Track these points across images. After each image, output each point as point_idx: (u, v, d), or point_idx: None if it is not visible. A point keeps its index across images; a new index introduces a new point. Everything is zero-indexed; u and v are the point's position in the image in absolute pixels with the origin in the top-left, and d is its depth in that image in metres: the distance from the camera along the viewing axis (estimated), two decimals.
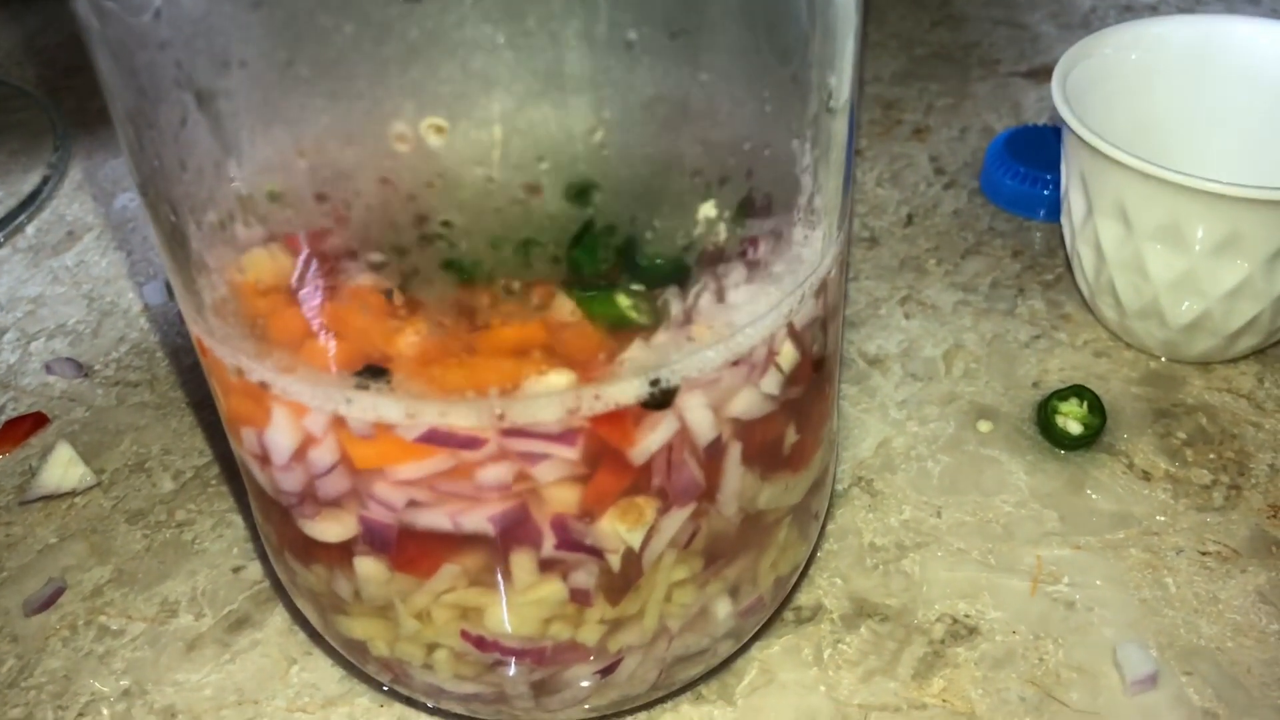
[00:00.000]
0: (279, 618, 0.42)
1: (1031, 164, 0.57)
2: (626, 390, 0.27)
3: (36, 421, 0.50)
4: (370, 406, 0.27)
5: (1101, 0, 0.76)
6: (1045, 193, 0.57)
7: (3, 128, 0.69)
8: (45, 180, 0.64)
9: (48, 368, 0.52)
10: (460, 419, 0.27)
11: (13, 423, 0.49)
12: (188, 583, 0.43)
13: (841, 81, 0.28)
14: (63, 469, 0.47)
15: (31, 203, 0.62)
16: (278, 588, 0.42)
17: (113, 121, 0.28)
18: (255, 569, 0.43)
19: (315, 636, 0.41)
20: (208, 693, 0.39)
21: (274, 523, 0.35)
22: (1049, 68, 0.69)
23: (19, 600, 0.43)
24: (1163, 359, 0.49)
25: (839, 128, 0.29)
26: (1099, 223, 0.46)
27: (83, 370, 0.52)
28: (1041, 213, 0.57)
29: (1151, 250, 0.44)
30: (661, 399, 0.28)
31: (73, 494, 0.47)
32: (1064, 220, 0.50)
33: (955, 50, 0.72)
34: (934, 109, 0.66)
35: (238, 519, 0.45)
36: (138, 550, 0.44)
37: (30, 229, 0.62)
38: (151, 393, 0.51)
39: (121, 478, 0.47)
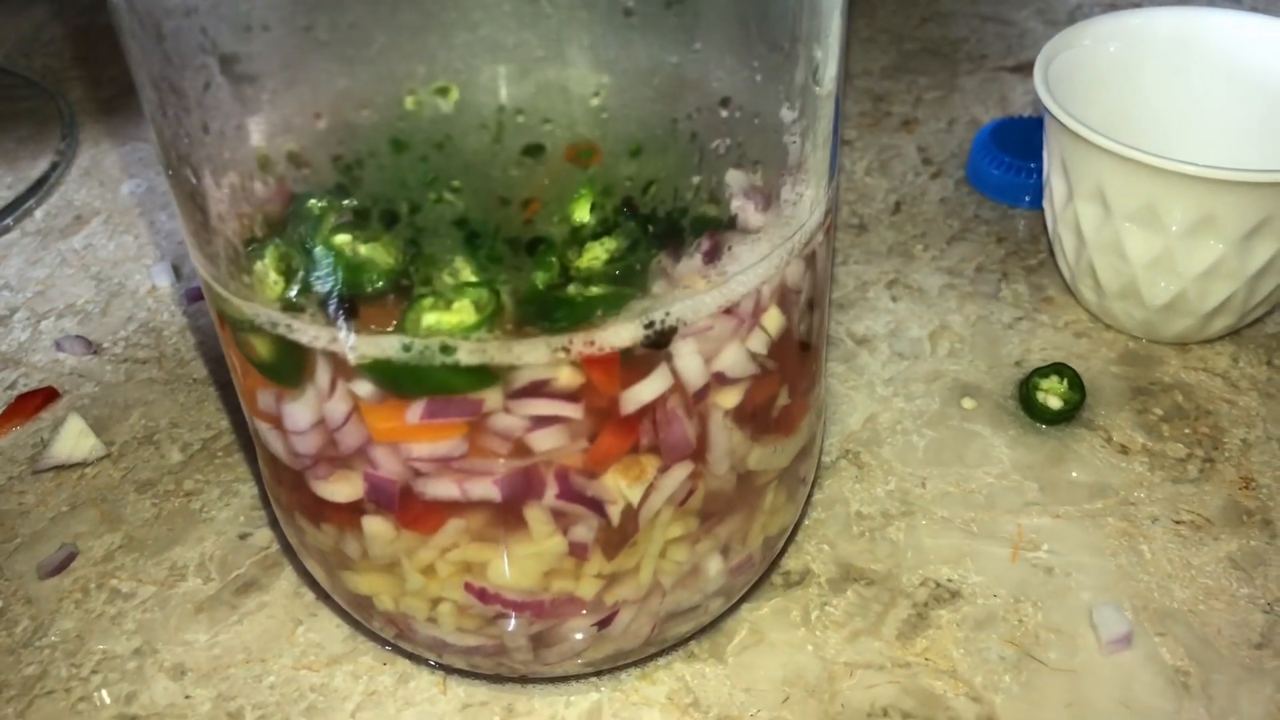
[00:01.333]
0: (285, 581, 0.43)
1: (1016, 154, 0.59)
2: (622, 333, 0.29)
3: (48, 396, 0.51)
4: (375, 345, 0.28)
5: None
6: (1029, 181, 0.58)
7: (11, 116, 0.70)
8: (53, 166, 0.65)
9: (58, 345, 0.54)
10: (466, 355, 0.28)
11: (25, 397, 0.51)
12: (196, 548, 0.44)
13: (827, 55, 0.30)
14: (74, 440, 0.48)
15: (40, 188, 0.64)
16: (285, 551, 0.44)
17: (120, 111, 0.29)
18: (261, 535, 0.45)
19: (321, 599, 0.42)
20: (216, 652, 0.41)
21: (285, 485, 0.36)
22: (1034, 63, 0.70)
23: (33, 564, 0.44)
24: (1141, 339, 0.51)
25: (825, 99, 0.31)
26: (1079, 206, 0.48)
27: (92, 347, 0.54)
28: (1026, 200, 0.59)
29: (1129, 232, 0.46)
30: (657, 339, 0.29)
31: (83, 464, 0.48)
32: (1046, 205, 0.51)
33: (944, 45, 0.74)
34: (922, 102, 0.68)
35: (244, 488, 0.47)
36: (147, 518, 0.46)
37: (39, 213, 0.63)
38: (159, 369, 0.53)
39: (130, 449, 0.49)
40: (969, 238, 0.57)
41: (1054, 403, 0.47)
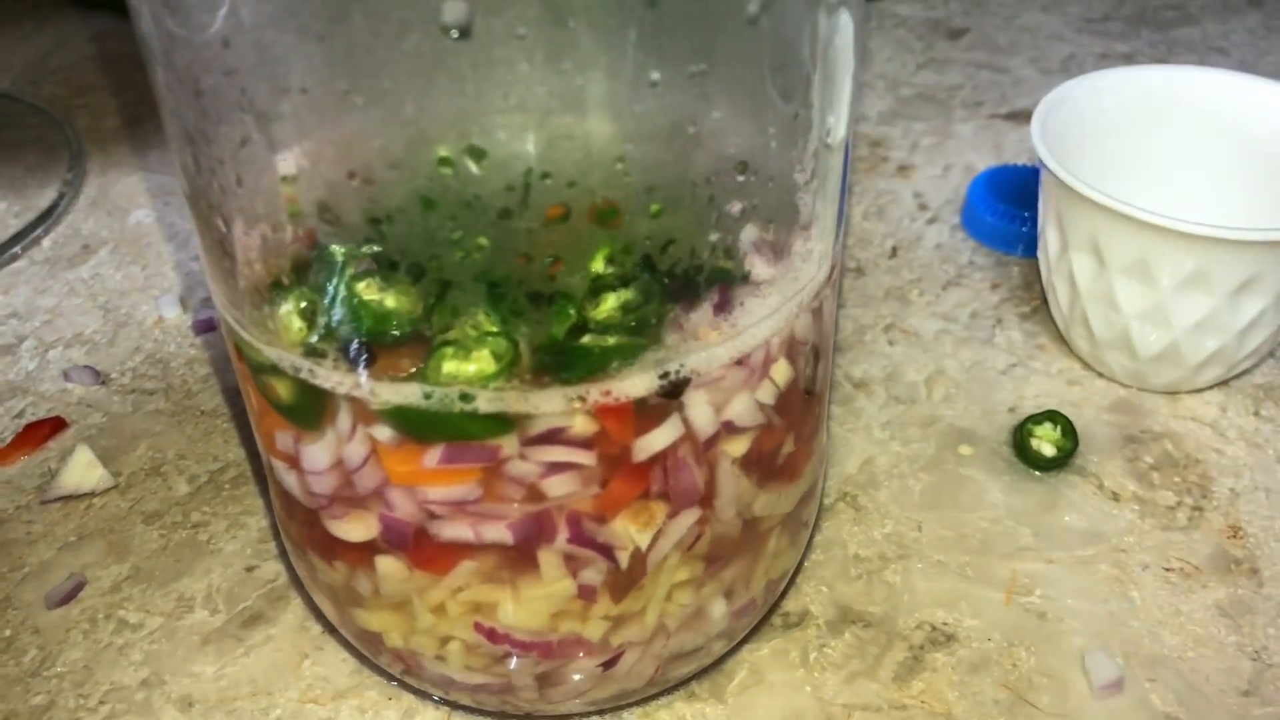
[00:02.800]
0: (292, 614, 0.44)
1: (1011, 202, 0.60)
2: (638, 384, 0.30)
3: (55, 425, 0.52)
4: (396, 391, 0.29)
5: (1080, 47, 0.80)
6: (1024, 229, 0.59)
7: (19, 144, 0.71)
8: (61, 196, 0.66)
9: (65, 375, 0.54)
10: (485, 404, 0.29)
11: (33, 426, 0.51)
12: (203, 580, 0.45)
13: (839, 120, 0.31)
14: (82, 470, 0.49)
15: (48, 217, 0.65)
16: (295, 583, 0.44)
17: (127, 140, 0.30)
18: (268, 568, 0.45)
19: (328, 632, 0.43)
20: (222, 684, 0.41)
21: (298, 522, 0.37)
22: (1029, 110, 0.72)
23: (41, 594, 0.45)
24: (1133, 388, 0.52)
25: (835, 161, 0.32)
26: (1073, 257, 0.49)
27: (100, 378, 0.54)
28: (1020, 248, 0.60)
29: (1122, 284, 0.47)
30: (672, 390, 0.30)
31: (91, 495, 0.49)
32: (1040, 255, 0.53)
33: (939, 92, 0.75)
34: (919, 147, 0.69)
35: (251, 521, 0.47)
36: (154, 549, 0.46)
37: (46, 242, 0.64)
38: (166, 400, 0.53)
39: (138, 480, 0.49)
40: (964, 284, 0.59)
41: (1047, 450, 0.48)
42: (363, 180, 0.26)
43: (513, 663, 0.36)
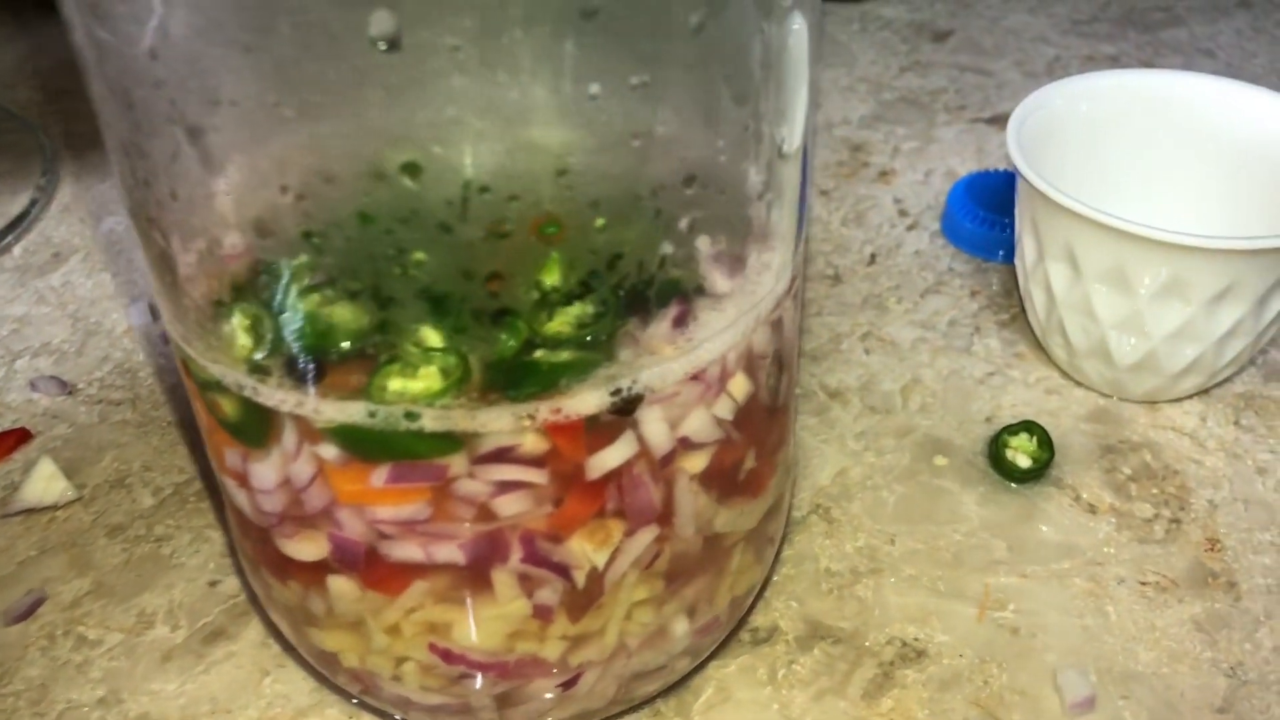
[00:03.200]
0: (253, 631, 0.43)
1: (991, 208, 0.59)
2: (588, 401, 0.29)
3: (20, 437, 0.51)
4: (341, 410, 0.29)
5: (1065, 50, 0.79)
6: (1004, 235, 0.59)
7: None
8: (33, 202, 0.65)
9: (32, 385, 0.54)
10: (431, 422, 0.28)
11: None
12: (165, 595, 0.44)
13: (793, 130, 0.30)
14: (44, 483, 0.48)
15: (19, 224, 0.64)
16: (253, 601, 0.44)
17: (102, 146, 0.29)
18: (231, 583, 0.45)
19: (288, 649, 0.42)
20: (181, 702, 0.41)
21: (251, 540, 0.36)
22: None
23: None
24: (1111, 397, 0.51)
25: (791, 171, 0.31)
26: (1049, 266, 0.48)
27: (66, 388, 0.54)
28: (1000, 254, 0.59)
29: (1098, 292, 0.47)
30: (624, 406, 0.29)
31: (54, 508, 0.48)
32: (1017, 262, 0.52)
33: (922, 96, 0.74)
34: (900, 152, 0.69)
35: (215, 534, 0.46)
36: (116, 564, 0.46)
37: (17, 250, 0.63)
38: (133, 411, 0.52)
39: (102, 493, 0.49)
40: (943, 291, 0.58)
41: (1023, 461, 0.47)
42: (296, 195, 0.26)
43: (470, 683, 0.35)
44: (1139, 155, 0.53)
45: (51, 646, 0.43)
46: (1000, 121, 0.71)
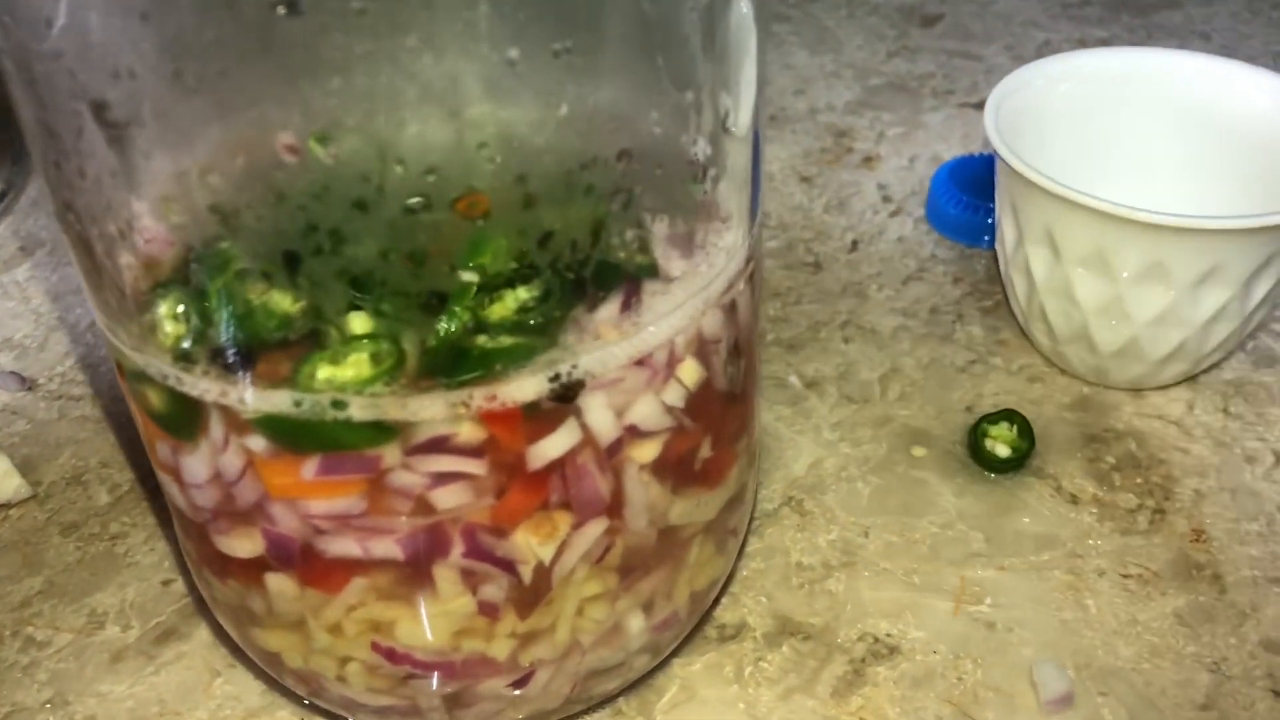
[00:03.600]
0: (204, 631, 0.42)
1: (975, 193, 0.58)
2: (525, 387, 0.27)
3: None
4: (266, 399, 0.27)
5: (1055, 33, 0.77)
6: (988, 220, 0.57)
7: None
8: (3, 194, 0.64)
9: None
10: (359, 411, 0.27)
11: None
12: (117, 595, 0.43)
13: (739, 102, 0.29)
14: None
15: None
16: (198, 602, 0.42)
17: None
18: (184, 582, 0.43)
19: (238, 650, 0.41)
20: (130, 704, 0.39)
21: (191, 538, 0.35)
22: None
23: None
24: (1096, 385, 0.50)
25: (740, 149, 0.30)
26: (1029, 250, 0.47)
27: (26, 383, 0.53)
28: (985, 239, 0.58)
29: (1079, 277, 0.45)
30: (564, 393, 0.28)
31: (7, 506, 0.47)
32: (998, 247, 0.50)
33: (910, 80, 0.73)
34: (885, 138, 0.67)
35: (170, 532, 0.45)
36: (70, 562, 0.44)
37: None
38: (93, 407, 0.51)
39: (58, 490, 0.47)
40: (925, 278, 0.56)
41: (1002, 450, 0.46)
42: (203, 170, 0.24)
43: (417, 683, 0.34)
44: (1121, 136, 0.51)
45: None
46: None
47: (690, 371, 0.31)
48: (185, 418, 0.30)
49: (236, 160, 0.24)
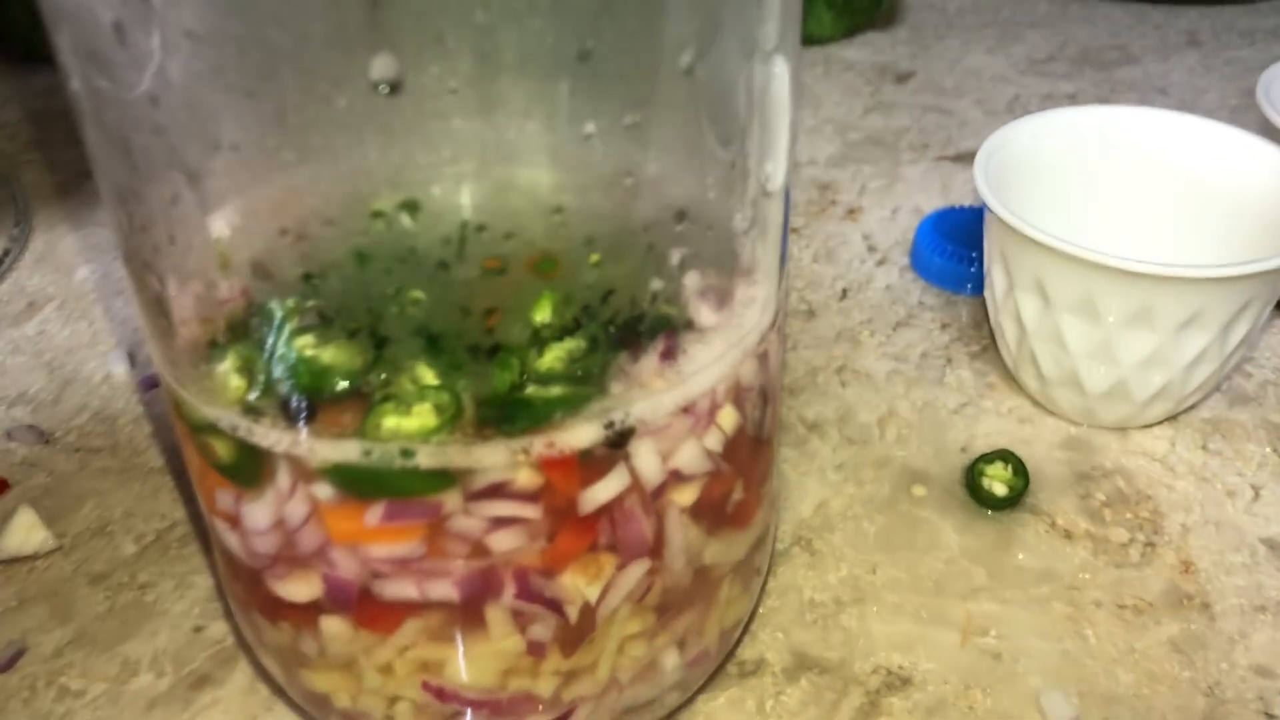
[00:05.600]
0: (240, 675, 0.43)
1: (958, 242, 0.61)
2: (582, 434, 0.29)
3: None
4: (336, 449, 0.29)
5: (1024, 89, 0.81)
6: (971, 269, 0.60)
7: None
8: (6, 252, 0.65)
9: (9, 434, 0.53)
10: (426, 459, 0.29)
11: None
12: (149, 643, 0.44)
13: (777, 167, 0.31)
14: (24, 533, 0.48)
15: None
16: (241, 645, 0.43)
17: (76, 195, 0.30)
18: (216, 629, 0.44)
19: (276, 693, 0.42)
20: None
21: (242, 582, 0.36)
22: (975, 152, 0.72)
23: None
24: (1082, 425, 0.52)
25: (775, 207, 0.32)
26: (1019, 297, 0.49)
27: (44, 437, 0.53)
28: (968, 288, 0.60)
29: (1069, 323, 0.48)
30: (617, 439, 0.30)
31: (34, 557, 0.47)
32: (987, 295, 0.53)
33: (887, 135, 0.76)
34: (867, 190, 0.70)
35: (199, 580, 0.46)
36: (99, 612, 0.45)
37: None
38: (113, 458, 0.52)
39: (83, 541, 0.48)
40: (914, 324, 0.59)
41: (999, 489, 0.48)
42: (296, 236, 0.26)
43: None
44: (1103, 188, 0.54)
45: (34, 698, 0.42)
46: (963, 159, 0.73)
47: (729, 418, 0.33)
48: (252, 467, 0.31)
49: (326, 226, 0.26)
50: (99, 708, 0.42)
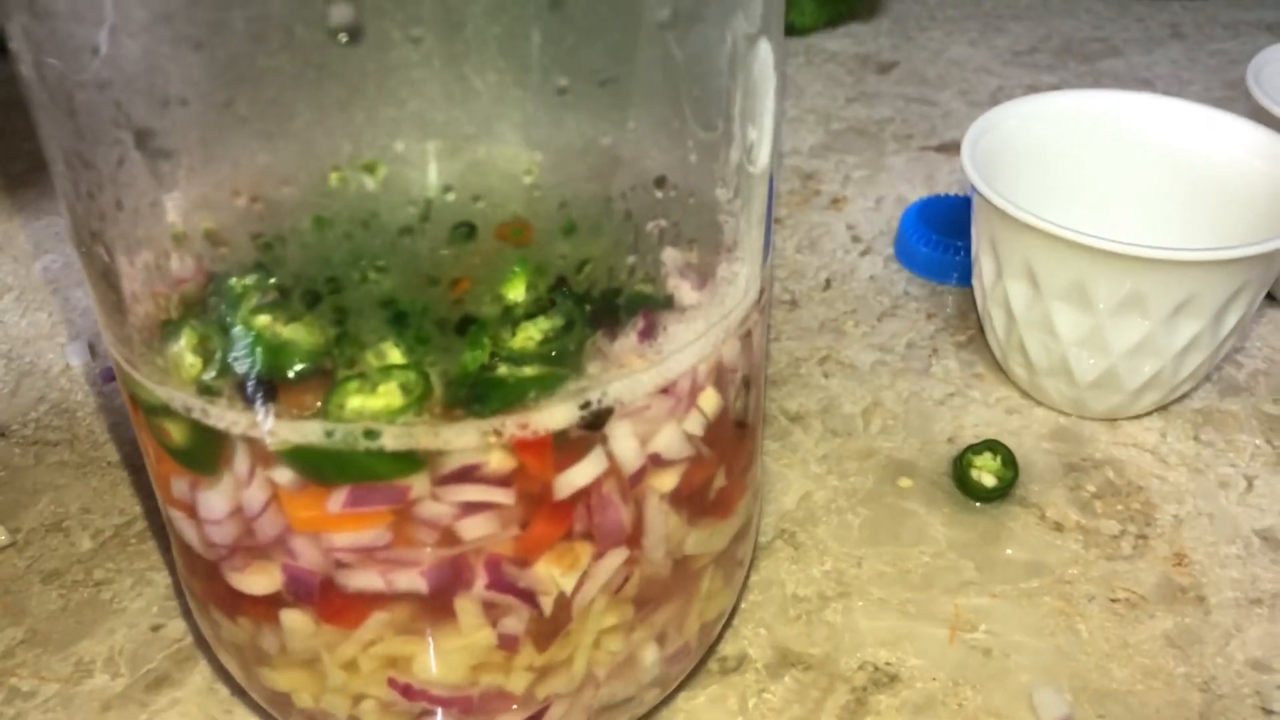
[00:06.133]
0: (199, 676, 0.41)
1: (943, 232, 0.59)
2: (557, 415, 0.28)
3: None
4: (296, 430, 0.27)
5: (1007, 80, 0.80)
6: (956, 259, 0.59)
7: None
8: None
9: None
10: (392, 441, 0.27)
11: None
12: (105, 642, 0.42)
13: (761, 135, 0.30)
14: None
15: None
16: (200, 643, 0.42)
17: (35, 185, 0.28)
18: (175, 627, 0.43)
19: (237, 694, 0.40)
20: None
21: (199, 576, 0.34)
22: (958, 142, 0.71)
23: None
24: (1071, 415, 0.51)
25: (759, 179, 0.31)
26: (1008, 284, 0.48)
27: None
28: (954, 278, 0.59)
29: (1059, 310, 0.46)
30: (594, 420, 0.28)
31: None
32: (975, 283, 0.52)
33: (870, 125, 0.75)
34: (850, 180, 0.69)
35: (158, 577, 0.44)
36: (53, 610, 0.43)
37: None
38: (71, 452, 0.50)
39: (37, 537, 0.46)
40: (899, 314, 0.58)
41: (988, 480, 0.47)
42: (250, 199, 0.24)
43: None
44: (1091, 174, 0.53)
45: None
46: (947, 149, 0.71)
47: (710, 400, 0.32)
48: (208, 451, 0.30)
49: (282, 189, 0.24)
50: (50, 709, 0.40)
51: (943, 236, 0.59)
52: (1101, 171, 0.53)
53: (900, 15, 0.90)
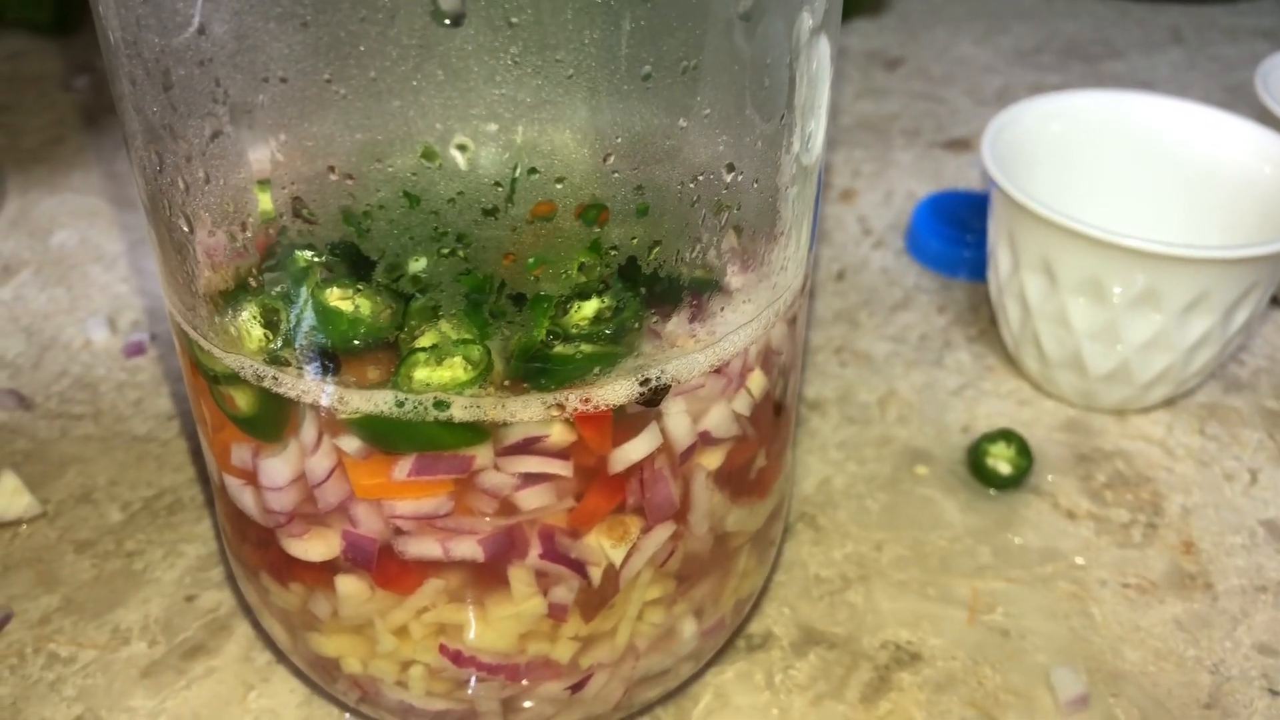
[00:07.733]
0: (235, 645, 0.42)
1: (954, 226, 0.61)
2: (618, 390, 0.29)
3: None
4: (367, 399, 0.28)
5: (1012, 79, 0.81)
6: (966, 253, 0.60)
7: None
8: None
9: None
10: (460, 411, 0.28)
11: None
12: (140, 611, 0.43)
13: (818, 127, 0.31)
14: (8, 498, 0.46)
15: None
16: (240, 612, 0.42)
17: (49, 162, 0.28)
18: (209, 598, 0.43)
19: (275, 661, 0.41)
20: (163, 718, 0.39)
21: (251, 543, 0.35)
22: (965, 139, 0.73)
23: None
24: (1081, 408, 0.52)
25: (812, 170, 0.32)
26: (1025, 277, 0.49)
27: (24, 402, 0.52)
28: (964, 272, 0.60)
29: (1074, 303, 0.48)
30: (652, 397, 0.29)
31: (18, 523, 0.46)
32: (990, 275, 0.53)
33: (878, 121, 0.76)
34: (860, 174, 0.70)
35: (190, 549, 0.45)
36: (86, 579, 0.44)
37: None
38: (96, 425, 0.51)
39: (67, 508, 0.47)
40: (911, 306, 0.59)
41: (1004, 468, 0.48)
42: (342, 175, 0.25)
43: (478, 687, 0.35)
44: (1105, 172, 0.54)
45: (21, 665, 0.41)
46: (955, 146, 0.73)
47: (758, 382, 0.33)
48: (274, 419, 0.30)
49: (373, 165, 0.25)
50: (90, 675, 0.41)
51: (953, 230, 0.60)
52: (1115, 170, 0.54)
53: (905, 13, 0.91)
